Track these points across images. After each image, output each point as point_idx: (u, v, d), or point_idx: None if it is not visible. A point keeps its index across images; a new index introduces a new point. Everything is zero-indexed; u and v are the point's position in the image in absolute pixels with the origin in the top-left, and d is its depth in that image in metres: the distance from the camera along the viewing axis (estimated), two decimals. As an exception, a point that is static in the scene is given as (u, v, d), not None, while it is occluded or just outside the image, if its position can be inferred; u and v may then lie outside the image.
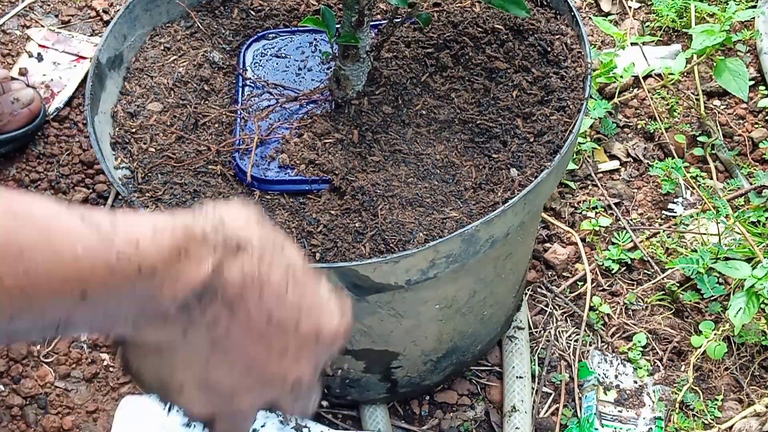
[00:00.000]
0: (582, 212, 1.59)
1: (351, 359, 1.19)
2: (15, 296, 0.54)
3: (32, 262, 0.54)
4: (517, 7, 1.03)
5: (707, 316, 1.43)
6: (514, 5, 1.02)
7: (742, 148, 1.66)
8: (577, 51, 1.17)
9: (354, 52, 1.07)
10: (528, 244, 1.26)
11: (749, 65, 1.76)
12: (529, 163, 1.06)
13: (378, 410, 1.32)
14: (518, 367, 1.36)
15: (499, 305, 1.27)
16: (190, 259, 0.60)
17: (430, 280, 1.02)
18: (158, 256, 0.59)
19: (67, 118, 1.65)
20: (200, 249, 0.61)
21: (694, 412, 1.33)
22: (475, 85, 1.13)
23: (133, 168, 1.11)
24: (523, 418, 1.31)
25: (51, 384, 1.34)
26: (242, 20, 1.25)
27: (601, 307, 1.45)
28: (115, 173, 1.09)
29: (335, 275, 0.97)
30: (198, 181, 1.08)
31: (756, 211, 1.52)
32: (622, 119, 1.72)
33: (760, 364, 1.38)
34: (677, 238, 1.53)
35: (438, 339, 1.21)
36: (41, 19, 1.86)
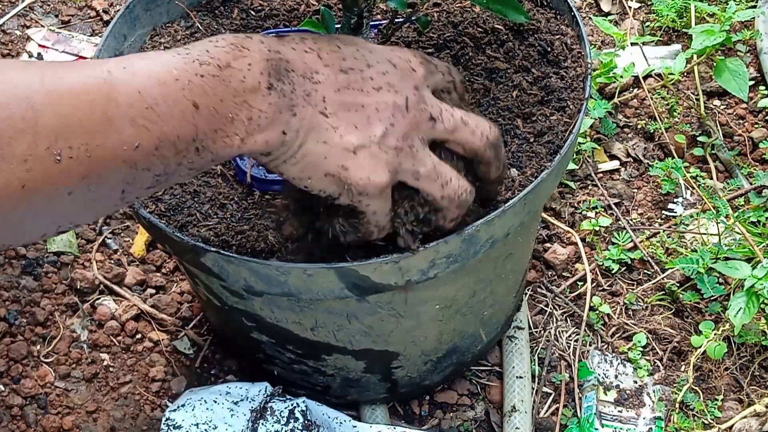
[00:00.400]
0: (582, 212, 1.59)
1: (351, 359, 1.19)
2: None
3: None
4: (516, 12, 1.02)
5: (707, 316, 1.44)
6: (512, 10, 1.02)
7: (742, 148, 1.66)
8: (577, 51, 1.17)
9: None
10: (528, 244, 1.26)
11: (749, 65, 1.76)
12: (529, 164, 1.06)
13: (378, 410, 1.32)
14: (518, 367, 1.36)
15: (499, 305, 1.27)
16: (250, 49, 0.75)
17: (430, 280, 1.02)
18: (225, 55, 0.74)
19: (67, 118, 1.65)
20: (250, 43, 0.76)
21: (694, 412, 1.33)
22: (475, 85, 1.13)
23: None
24: (523, 418, 1.31)
25: (51, 384, 1.34)
26: (242, 20, 1.25)
27: (601, 307, 1.45)
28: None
29: (335, 275, 0.97)
30: (198, 181, 1.08)
31: (756, 211, 1.52)
32: (622, 119, 1.72)
33: (760, 364, 1.38)
34: (677, 238, 1.53)
35: (438, 339, 1.21)
36: (41, 19, 1.86)
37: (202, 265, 1.02)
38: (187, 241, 0.99)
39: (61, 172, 0.64)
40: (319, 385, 1.27)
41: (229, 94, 0.73)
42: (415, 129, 0.85)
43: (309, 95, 0.79)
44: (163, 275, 1.49)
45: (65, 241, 1.49)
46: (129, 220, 1.55)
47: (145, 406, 1.35)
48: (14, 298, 1.41)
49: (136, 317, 1.43)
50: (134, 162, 0.68)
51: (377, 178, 0.82)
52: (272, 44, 0.79)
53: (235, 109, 0.74)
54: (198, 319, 1.44)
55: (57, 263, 1.47)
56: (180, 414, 1.19)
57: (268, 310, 1.11)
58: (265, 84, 0.76)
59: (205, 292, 1.18)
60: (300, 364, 1.22)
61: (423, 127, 0.85)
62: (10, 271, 1.44)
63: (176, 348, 1.41)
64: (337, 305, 1.07)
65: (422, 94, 0.86)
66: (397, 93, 0.84)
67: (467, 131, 0.89)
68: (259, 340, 1.20)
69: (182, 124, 0.70)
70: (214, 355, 1.42)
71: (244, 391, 1.23)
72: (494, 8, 1.03)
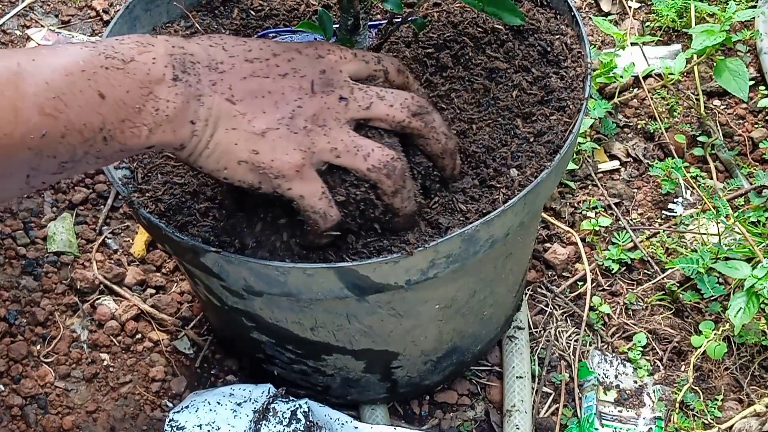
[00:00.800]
0: (582, 212, 1.59)
1: (351, 359, 1.19)
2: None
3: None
4: (512, 14, 1.02)
5: (707, 316, 1.43)
6: (508, 13, 1.02)
7: (742, 148, 1.66)
8: (577, 51, 1.17)
9: None
10: (528, 244, 1.26)
11: (749, 65, 1.76)
12: (529, 163, 1.06)
13: (378, 410, 1.32)
14: (518, 367, 1.36)
15: (499, 305, 1.27)
16: (154, 45, 0.78)
17: (430, 280, 1.02)
18: (129, 51, 0.77)
19: (67, 118, 1.65)
20: (155, 41, 0.79)
21: (694, 412, 1.33)
22: (475, 85, 1.13)
23: (133, 168, 1.11)
24: (523, 418, 1.31)
25: (51, 384, 1.34)
26: (242, 20, 1.25)
27: (601, 307, 1.45)
28: (115, 173, 1.09)
29: (335, 275, 0.98)
30: (197, 181, 1.08)
31: (756, 211, 1.52)
32: (622, 119, 1.72)
33: (760, 364, 1.38)
34: (677, 238, 1.53)
35: (438, 339, 1.21)
36: (41, 19, 1.86)
37: (202, 265, 1.02)
38: (187, 241, 0.99)
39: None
40: (318, 385, 1.27)
41: (135, 85, 0.76)
42: (326, 110, 0.86)
43: (215, 84, 0.81)
44: (163, 275, 1.49)
45: (65, 241, 1.49)
46: (129, 220, 1.55)
47: (145, 406, 1.35)
48: (14, 298, 1.41)
49: (136, 317, 1.43)
50: (40, 149, 0.71)
51: (289, 158, 0.84)
52: (177, 41, 0.82)
53: (141, 100, 0.76)
54: (198, 319, 1.44)
55: (57, 263, 1.47)
56: (183, 415, 1.20)
57: (268, 310, 1.11)
58: (170, 76, 0.78)
59: (205, 292, 1.18)
60: (300, 364, 1.22)
61: (335, 107, 0.87)
62: (10, 271, 1.45)
63: (176, 348, 1.41)
64: (337, 305, 1.07)
65: (330, 77, 0.88)
66: (303, 77, 0.86)
67: (384, 105, 0.90)
68: (259, 340, 1.20)
69: (89, 113, 0.73)
70: (214, 355, 1.42)
71: (248, 392, 1.23)
72: (489, 11, 1.02)
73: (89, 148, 0.74)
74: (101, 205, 1.56)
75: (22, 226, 1.50)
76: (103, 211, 1.54)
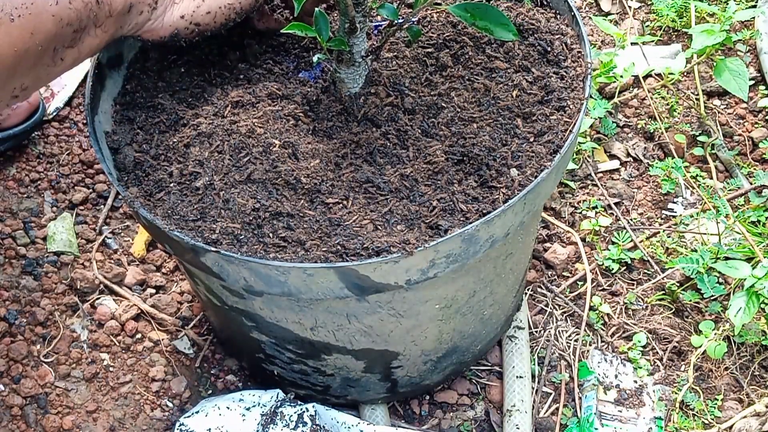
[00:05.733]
0: (582, 212, 1.59)
1: (351, 359, 1.19)
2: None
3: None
4: (504, 29, 1.01)
5: (707, 315, 1.44)
6: (500, 27, 1.01)
7: (742, 147, 1.66)
8: (577, 51, 1.17)
9: (348, 56, 1.08)
10: (528, 243, 1.26)
11: (749, 65, 1.76)
12: (529, 163, 1.06)
13: (378, 410, 1.32)
14: (518, 366, 1.36)
15: (499, 305, 1.27)
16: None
17: (430, 279, 1.02)
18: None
19: (67, 118, 1.65)
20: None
21: (694, 412, 1.33)
22: (475, 84, 1.13)
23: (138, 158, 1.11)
24: (523, 417, 1.31)
25: (51, 384, 1.34)
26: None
27: (601, 306, 1.45)
28: (115, 173, 1.09)
29: (335, 275, 0.98)
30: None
31: (756, 211, 1.52)
32: (622, 119, 1.72)
33: (760, 364, 1.38)
34: (677, 238, 1.53)
35: (438, 339, 1.21)
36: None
37: (202, 265, 1.02)
38: (187, 241, 0.99)
39: (17, 28, 0.85)
40: (318, 385, 1.27)
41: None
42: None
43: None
44: (163, 275, 1.49)
45: (65, 241, 1.49)
46: (129, 220, 1.55)
47: (145, 405, 1.35)
48: (14, 298, 1.41)
49: (136, 317, 1.43)
50: (60, 17, 0.89)
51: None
52: None
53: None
54: (198, 319, 1.44)
55: (57, 263, 1.47)
56: (193, 420, 1.21)
57: (268, 310, 1.11)
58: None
59: (205, 292, 1.18)
60: (300, 363, 1.23)
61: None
62: (10, 271, 1.44)
63: (176, 348, 1.41)
64: (337, 305, 1.07)
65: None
66: None
67: None
68: (259, 339, 1.20)
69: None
70: (214, 355, 1.42)
71: (257, 397, 1.24)
72: (480, 25, 1.01)
73: (89, 12, 0.91)
74: (101, 205, 1.56)
75: (22, 226, 1.50)
76: (103, 211, 1.54)
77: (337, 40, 1.04)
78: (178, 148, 1.09)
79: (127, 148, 1.10)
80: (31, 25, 0.87)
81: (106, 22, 0.96)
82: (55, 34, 0.90)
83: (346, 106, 1.11)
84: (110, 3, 0.96)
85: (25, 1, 0.86)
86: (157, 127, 1.12)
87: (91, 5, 0.93)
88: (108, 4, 0.95)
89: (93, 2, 0.93)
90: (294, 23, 1.01)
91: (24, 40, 0.87)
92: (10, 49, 0.86)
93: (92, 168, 1.59)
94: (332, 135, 1.10)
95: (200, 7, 1.08)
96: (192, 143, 1.08)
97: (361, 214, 1.03)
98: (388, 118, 1.10)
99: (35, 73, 0.91)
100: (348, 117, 1.11)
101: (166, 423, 1.34)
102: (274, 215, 1.02)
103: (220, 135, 1.08)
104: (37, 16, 0.87)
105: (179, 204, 1.04)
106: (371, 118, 1.11)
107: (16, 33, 0.86)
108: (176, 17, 1.07)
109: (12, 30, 0.85)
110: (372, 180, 1.06)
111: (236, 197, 1.03)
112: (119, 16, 0.98)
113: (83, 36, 0.94)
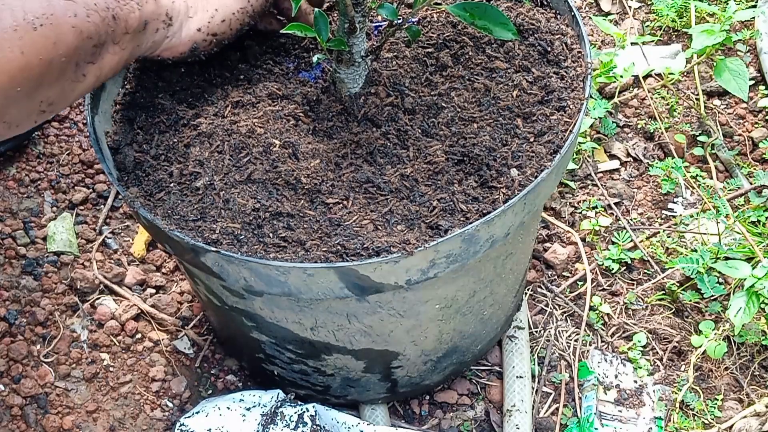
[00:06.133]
0: (582, 212, 1.59)
1: (351, 359, 1.19)
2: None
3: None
4: (503, 28, 1.01)
5: (707, 315, 1.44)
6: (500, 26, 1.01)
7: (742, 147, 1.66)
8: (577, 51, 1.17)
9: (348, 56, 1.08)
10: (528, 243, 1.26)
11: (749, 65, 1.76)
12: (529, 163, 1.06)
13: (378, 410, 1.32)
14: (518, 366, 1.36)
15: (499, 305, 1.27)
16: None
17: (430, 279, 1.02)
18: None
19: (67, 118, 1.65)
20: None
21: (694, 412, 1.33)
22: (475, 84, 1.13)
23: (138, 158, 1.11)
24: (523, 417, 1.31)
25: (51, 384, 1.34)
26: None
27: (601, 306, 1.45)
28: (115, 173, 1.09)
29: (335, 275, 0.98)
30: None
31: (756, 211, 1.52)
32: (622, 119, 1.72)
33: (760, 364, 1.38)
34: (677, 238, 1.53)
35: (438, 339, 1.21)
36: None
37: (202, 265, 1.02)
38: (187, 241, 0.99)
39: (40, 36, 0.87)
40: (319, 385, 1.27)
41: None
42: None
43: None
44: (163, 275, 1.49)
45: (65, 241, 1.49)
46: (129, 219, 1.55)
47: (145, 405, 1.35)
48: (14, 298, 1.41)
49: (136, 317, 1.43)
50: (80, 29, 0.91)
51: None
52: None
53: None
54: (198, 319, 1.44)
55: (57, 263, 1.47)
56: (193, 420, 1.21)
57: (268, 310, 1.11)
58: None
59: (205, 292, 1.18)
60: (300, 363, 1.23)
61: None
62: (10, 271, 1.44)
63: (176, 348, 1.41)
64: (337, 305, 1.07)
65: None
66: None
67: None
68: (259, 339, 1.20)
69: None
70: (214, 355, 1.42)
71: (257, 398, 1.24)
72: (479, 24, 1.01)
73: (107, 27, 0.94)
74: (101, 205, 1.56)
75: (22, 226, 1.50)
76: (103, 211, 1.54)
77: (336, 40, 1.04)
78: (178, 148, 1.09)
79: (127, 148, 1.10)
80: (53, 34, 0.89)
81: (123, 39, 0.98)
82: (76, 46, 0.91)
83: (346, 106, 1.11)
84: (126, 19, 0.97)
85: (46, 11, 0.88)
86: (157, 127, 1.12)
87: (108, 20, 0.94)
88: (124, 20, 0.97)
89: (110, 17, 0.95)
90: (293, 23, 1.01)
91: (48, 49, 0.88)
92: (35, 57, 0.87)
93: (92, 168, 1.59)
94: (332, 135, 1.10)
95: (214, 17, 1.09)
96: (192, 143, 1.08)
97: (361, 214, 1.03)
98: (388, 118, 1.10)
99: (60, 87, 0.93)
100: (348, 117, 1.11)
101: (166, 423, 1.34)
102: (274, 215, 1.02)
103: (220, 135, 1.08)
104: (57, 27, 0.89)
105: (179, 204, 1.04)
106: (371, 118, 1.11)
107: (41, 41, 0.88)
108: (193, 31, 1.07)
109: (36, 38, 0.87)
110: (372, 180, 1.06)
111: (236, 197, 1.03)
112: (135, 34, 0.99)
113: (103, 52, 0.96)
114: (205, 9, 1.08)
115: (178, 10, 1.05)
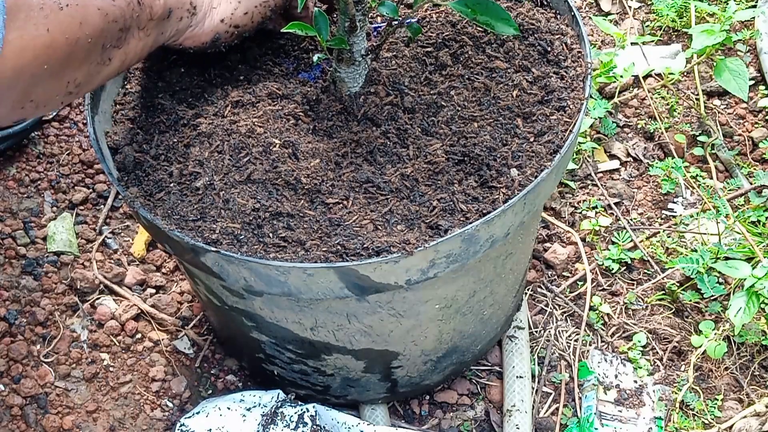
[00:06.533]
0: (582, 212, 1.59)
1: (351, 359, 1.19)
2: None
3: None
4: (505, 24, 1.01)
5: (707, 315, 1.43)
6: (501, 22, 1.01)
7: (742, 147, 1.66)
8: (577, 51, 1.17)
9: (348, 55, 1.08)
10: (528, 243, 1.26)
11: (749, 65, 1.76)
12: (529, 163, 1.06)
13: (378, 410, 1.32)
14: (518, 366, 1.36)
15: (499, 305, 1.27)
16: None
17: (430, 279, 1.02)
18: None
19: (67, 118, 1.65)
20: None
21: (694, 412, 1.33)
22: (475, 84, 1.13)
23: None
24: (523, 417, 1.31)
25: (51, 384, 1.34)
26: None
27: (601, 306, 1.45)
28: (115, 173, 1.09)
29: (335, 275, 0.98)
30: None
31: (756, 211, 1.52)
32: (622, 119, 1.72)
33: (760, 364, 1.38)
34: (677, 238, 1.53)
35: (438, 339, 1.21)
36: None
37: (202, 265, 1.02)
38: (187, 241, 0.99)
39: (67, 16, 0.88)
40: (319, 385, 1.27)
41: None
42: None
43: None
44: (163, 275, 1.49)
45: (65, 241, 1.49)
46: (129, 219, 1.55)
47: (145, 405, 1.35)
48: (14, 298, 1.41)
49: (136, 317, 1.43)
50: (106, 11, 0.92)
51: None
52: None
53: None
54: (198, 319, 1.44)
55: (57, 263, 1.47)
56: (194, 420, 1.21)
57: (268, 310, 1.11)
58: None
59: (205, 292, 1.18)
60: (300, 363, 1.22)
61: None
62: (10, 271, 1.44)
63: (176, 348, 1.41)
64: (337, 305, 1.07)
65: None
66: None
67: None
68: (259, 339, 1.20)
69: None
70: (214, 355, 1.42)
71: (258, 398, 1.24)
72: (481, 20, 1.01)
73: (132, 12, 0.95)
74: (101, 205, 1.56)
75: (22, 226, 1.50)
76: (103, 211, 1.54)
77: (336, 39, 1.04)
78: (178, 148, 1.09)
79: (127, 148, 1.10)
80: (79, 15, 0.89)
81: (148, 25, 0.99)
82: (102, 28, 0.93)
83: (346, 105, 1.11)
84: (151, 5, 0.98)
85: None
86: (157, 127, 1.12)
87: (134, 5, 0.96)
88: (149, 6, 0.98)
89: (135, 3, 0.96)
90: (294, 23, 1.02)
91: (74, 30, 0.89)
92: (62, 36, 0.88)
93: (92, 168, 1.59)
94: (332, 134, 1.10)
95: (237, 9, 1.10)
96: (192, 143, 1.08)
97: (361, 214, 1.03)
98: (388, 117, 1.10)
99: (87, 69, 0.94)
100: (348, 116, 1.11)
101: (166, 423, 1.34)
102: (274, 215, 1.02)
103: (220, 135, 1.08)
104: (84, 8, 0.90)
105: (179, 204, 1.04)
106: (371, 117, 1.11)
107: (67, 21, 0.88)
108: (216, 21, 1.09)
109: (62, 18, 0.88)
110: (372, 180, 1.06)
111: (236, 197, 1.03)
112: (160, 21, 1.01)
113: (128, 36, 0.97)
114: (229, 1, 1.10)
115: (203, 1, 1.07)
